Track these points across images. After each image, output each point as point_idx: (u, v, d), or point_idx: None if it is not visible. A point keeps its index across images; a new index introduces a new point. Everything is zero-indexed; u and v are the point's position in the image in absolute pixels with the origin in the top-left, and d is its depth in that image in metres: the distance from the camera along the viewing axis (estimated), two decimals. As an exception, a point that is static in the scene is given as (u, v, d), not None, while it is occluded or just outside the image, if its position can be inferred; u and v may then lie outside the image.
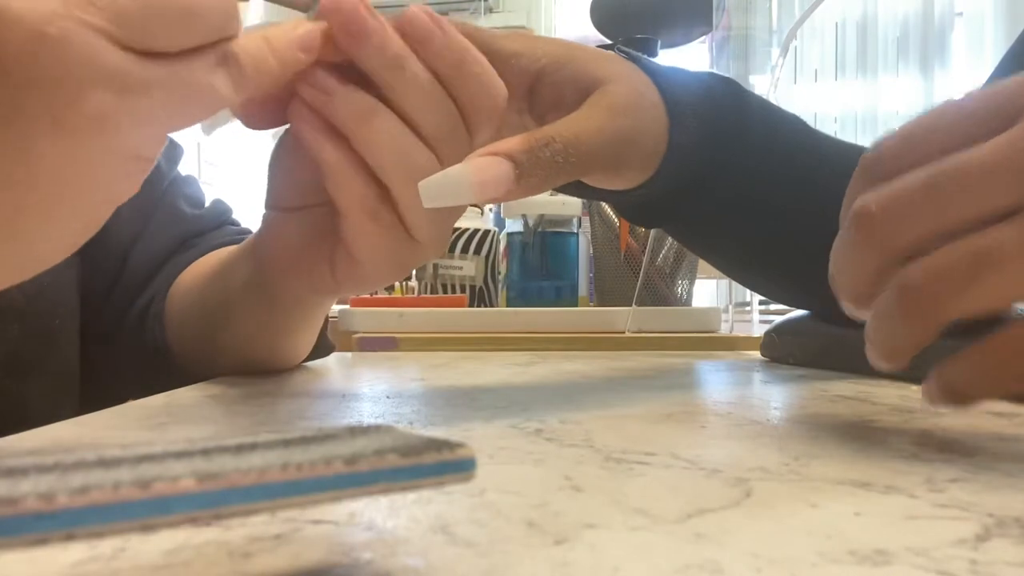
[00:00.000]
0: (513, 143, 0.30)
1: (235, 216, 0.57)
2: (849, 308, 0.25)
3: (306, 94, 0.31)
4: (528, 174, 0.30)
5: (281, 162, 0.35)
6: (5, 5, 0.22)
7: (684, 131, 0.37)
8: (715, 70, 1.34)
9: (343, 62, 0.31)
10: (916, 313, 0.22)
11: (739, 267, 0.49)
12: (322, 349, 0.52)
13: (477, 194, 0.29)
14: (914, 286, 0.22)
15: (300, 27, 0.29)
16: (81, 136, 0.24)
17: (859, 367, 0.44)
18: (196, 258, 0.50)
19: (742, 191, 0.41)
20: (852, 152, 0.45)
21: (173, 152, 0.55)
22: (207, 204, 0.55)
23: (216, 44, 0.26)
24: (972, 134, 0.22)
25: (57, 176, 0.24)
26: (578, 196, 0.42)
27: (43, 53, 0.22)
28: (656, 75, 0.37)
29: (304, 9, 0.31)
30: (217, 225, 0.54)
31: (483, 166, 0.29)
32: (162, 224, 0.50)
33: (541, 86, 0.35)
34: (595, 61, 0.35)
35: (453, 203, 0.29)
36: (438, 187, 0.29)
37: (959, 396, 0.23)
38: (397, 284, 1.74)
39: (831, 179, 0.43)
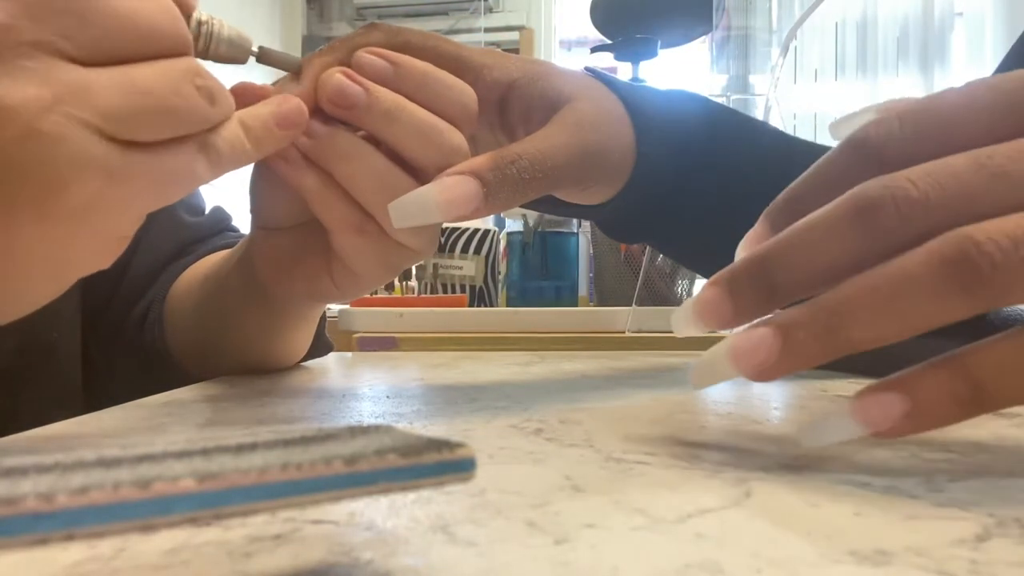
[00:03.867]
0: (479, 162, 0.30)
1: (236, 222, 0.57)
2: (793, 283, 0.22)
3: None
4: (495, 191, 0.30)
5: (262, 185, 0.36)
6: None
7: (651, 144, 0.37)
8: (715, 70, 1.34)
9: None
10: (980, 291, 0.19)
11: None
12: (320, 348, 0.52)
13: (445, 212, 0.29)
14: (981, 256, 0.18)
15: (283, 104, 0.30)
16: (66, 224, 0.24)
17: (859, 367, 0.44)
18: (193, 263, 0.50)
19: (716, 201, 0.41)
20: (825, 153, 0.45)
21: None
22: (208, 210, 0.55)
23: (197, 134, 0.27)
24: (992, 128, 0.20)
25: (37, 261, 0.25)
26: (556, 214, 0.42)
27: (34, 147, 0.23)
28: (622, 92, 0.38)
29: (295, 70, 0.32)
30: (216, 232, 0.54)
31: (450, 185, 0.29)
32: (161, 233, 0.50)
33: (512, 98, 0.35)
34: (562, 78, 0.36)
35: (422, 222, 0.29)
36: (406, 207, 0.29)
37: (987, 398, 0.20)
38: (397, 284, 1.74)
39: None
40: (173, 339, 0.47)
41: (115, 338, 0.49)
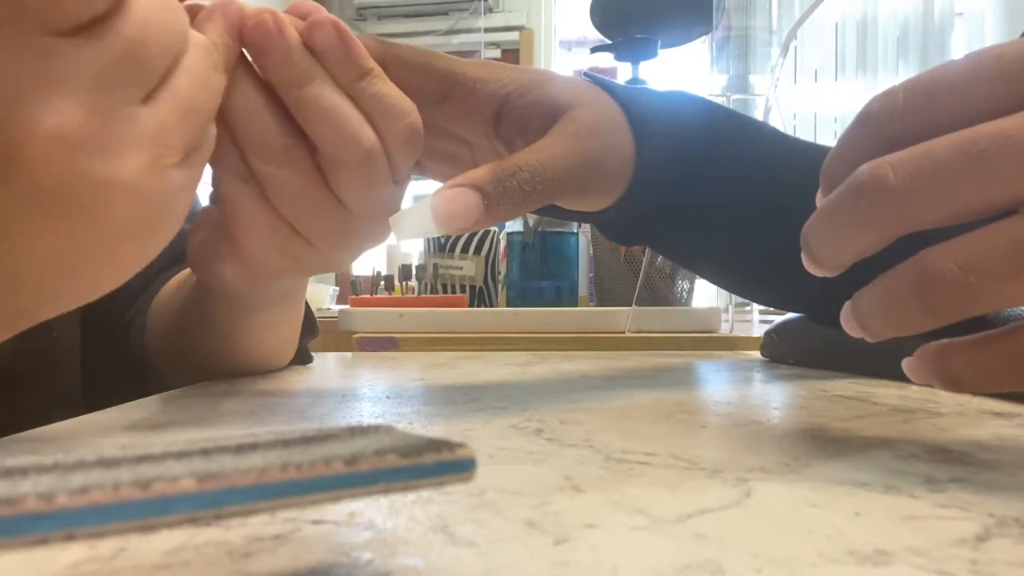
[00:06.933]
0: (480, 174, 0.30)
1: None
2: (819, 273, 0.23)
3: None
4: (496, 204, 0.30)
5: None
6: (108, 176, 0.23)
7: (650, 150, 0.37)
8: (715, 70, 1.34)
9: None
10: (940, 306, 0.20)
11: (725, 278, 0.49)
12: (298, 358, 0.51)
13: (446, 225, 0.29)
14: (942, 278, 0.19)
15: (226, 13, 0.29)
16: (157, 238, 0.27)
17: (859, 367, 0.44)
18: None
19: (717, 203, 0.41)
20: (826, 154, 0.45)
21: None
22: None
23: None
24: (1005, 97, 0.20)
25: (125, 263, 0.27)
26: (554, 218, 0.42)
27: (147, 208, 0.25)
28: (621, 97, 0.37)
29: None
30: None
31: (451, 197, 0.29)
32: None
33: (507, 111, 0.35)
34: (560, 86, 0.35)
35: (424, 235, 0.29)
36: (407, 219, 0.29)
37: (959, 385, 0.21)
38: (397, 284, 1.73)
39: (807, 183, 0.43)
40: (152, 344, 0.47)
41: (106, 343, 0.49)
